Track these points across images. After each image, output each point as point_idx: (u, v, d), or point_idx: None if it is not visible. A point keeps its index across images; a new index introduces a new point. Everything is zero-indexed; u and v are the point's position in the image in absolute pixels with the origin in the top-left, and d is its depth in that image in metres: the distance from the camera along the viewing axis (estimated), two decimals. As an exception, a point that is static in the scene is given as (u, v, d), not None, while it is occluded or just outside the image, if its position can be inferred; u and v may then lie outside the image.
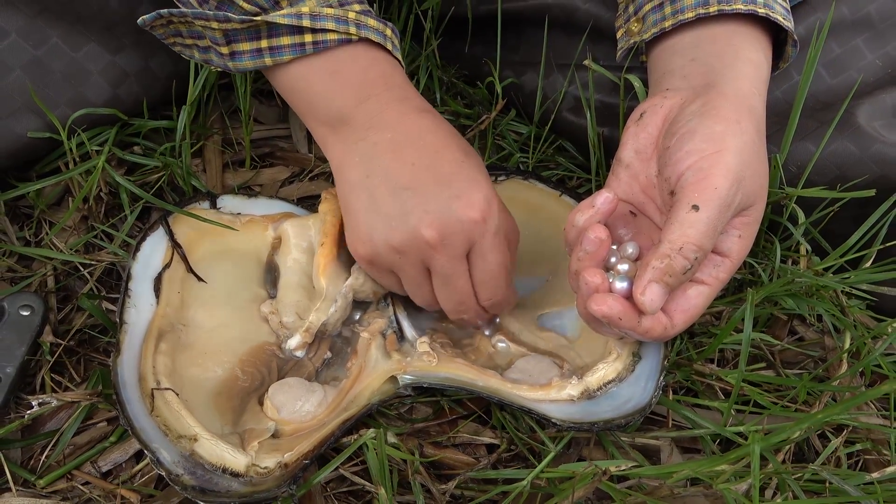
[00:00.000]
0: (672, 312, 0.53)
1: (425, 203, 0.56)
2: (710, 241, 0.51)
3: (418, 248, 0.57)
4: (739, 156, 0.52)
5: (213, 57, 0.59)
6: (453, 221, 0.56)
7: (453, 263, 0.57)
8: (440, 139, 0.58)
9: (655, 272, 0.50)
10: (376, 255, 0.59)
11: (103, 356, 0.64)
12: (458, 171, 0.57)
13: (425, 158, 0.57)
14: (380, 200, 0.57)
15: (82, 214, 0.71)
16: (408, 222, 0.56)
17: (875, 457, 0.61)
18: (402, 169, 0.57)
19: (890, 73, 0.68)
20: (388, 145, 0.58)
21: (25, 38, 0.65)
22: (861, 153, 0.64)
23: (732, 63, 0.57)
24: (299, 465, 0.55)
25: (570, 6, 0.74)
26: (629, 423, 0.58)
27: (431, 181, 0.56)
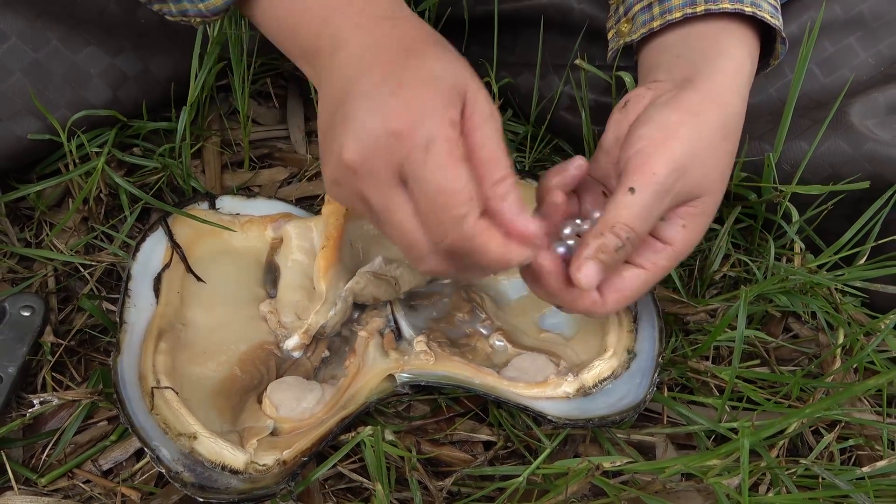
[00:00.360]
0: (605, 291, 0.54)
1: (348, 121, 0.47)
2: (644, 223, 0.52)
3: (346, 178, 0.48)
4: (687, 146, 0.53)
5: (187, 5, 0.54)
6: (370, 139, 0.46)
7: (381, 193, 0.48)
8: (391, 37, 0.49)
9: (589, 249, 0.51)
10: (330, 194, 0.52)
11: (104, 356, 0.65)
12: (388, 75, 0.47)
13: (361, 68, 0.48)
14: (322, 129, 0.51)
15: (82, 216, 0.72)
16: (333, 149, 0.48)
17: (868, 452, 0.61)
18: (336, 85, 0.49)
19: (883, 71, 0.69)
20: (336, 67, 0.50)
21: (26, 41, 0.66)
22: (854, 151, 0.65)
23: (714, 59, 0.58)
24: (297, 462, 0.56)
25: (565, 7, 0.75)
26: (624, 419, 0.58)
27: (358, 94, 0.47)
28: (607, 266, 0.52)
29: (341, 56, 0.50)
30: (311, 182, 0.79)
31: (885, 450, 0.59)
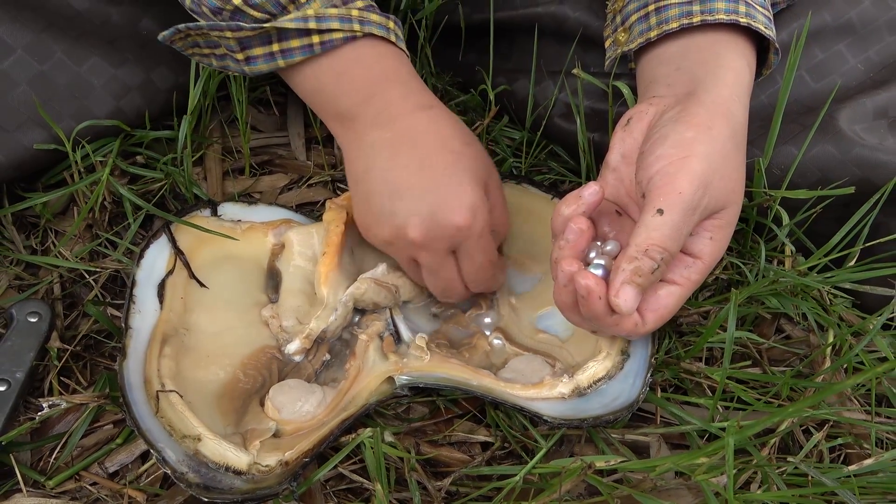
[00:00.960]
0: (643, 312, 0.55)
1: (412, 207, 0.59)
2: (675, 242, 0.53)
3: (404, 244, 0.61)
4: (707, 161, 0.54)
5: (230, 63, 0.62)
6: (437, 227, 0.59)
7: (438, 260, 0.61)
8: (435, 139, 0.61)
9: (625, 274, 0.52)
10: (370, 239, 0.63)
11: (109, 360, 0.66)
12: (449, 175, 0.59)
13: (417, 160, 0.60)
14: (373, 198, 0.61)
15: (87, 223, 0.73)
16: (395, 222, 0.60)
17: (857, 450, 0.62)
18: (395, 171, 0.60)
19: (871, 77, 0.70)
20: (385, 144, 0.60)
21: (31, 53, 0.67)
22: (842, 156, 0.66)
23: (714, 71, 0.59)
24: (299, 463, 0.57)
25: (560, 15, 0.76)
26: (618, 419, 0.60)
27: (420, 185, 0.59)
28: (643, 288, 0.53)
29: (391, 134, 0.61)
30: (310, 188, 0.80)
31: (872, 448, 0.60)
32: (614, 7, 0.67)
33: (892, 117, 0.68)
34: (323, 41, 0.60)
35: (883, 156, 0.65)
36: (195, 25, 0.60)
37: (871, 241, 0.68)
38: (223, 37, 0.60)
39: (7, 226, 0.72)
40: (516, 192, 0.74)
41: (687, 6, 0.61)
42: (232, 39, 0.60)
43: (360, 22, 0.60)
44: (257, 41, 0.60)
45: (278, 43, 0.60)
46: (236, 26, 0.59)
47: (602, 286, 0.54)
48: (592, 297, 0.53)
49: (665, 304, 0.55)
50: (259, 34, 0.59)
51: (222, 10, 0.59)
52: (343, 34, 0.60)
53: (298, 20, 0.59)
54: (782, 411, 0.50)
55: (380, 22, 0.61)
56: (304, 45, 0.60)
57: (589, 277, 0.53)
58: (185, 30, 0.61)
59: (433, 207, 0.59)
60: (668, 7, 0.61)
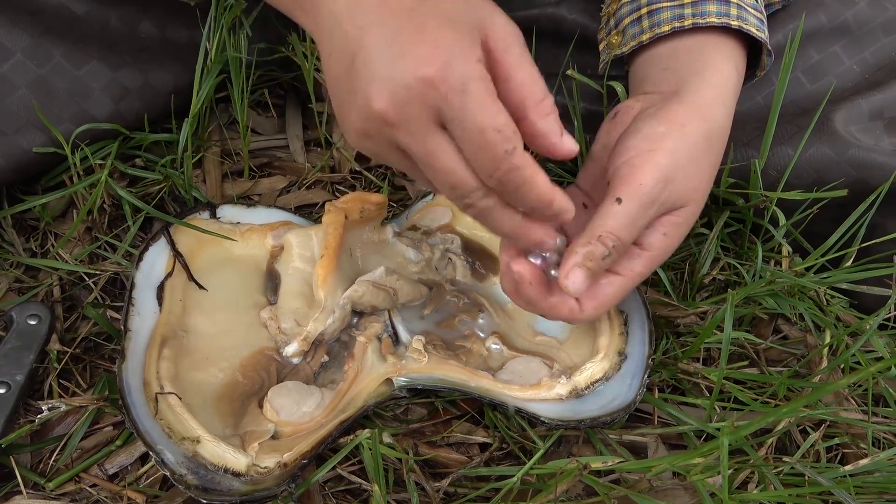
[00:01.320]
0: (582, 299, 0.55)
1: (371, 69, 0.46)
2: (629, 232, 0.53)
3: (378, 129, 0.48)
4: (672, 157, 0.54)
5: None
6: (401, 87, 0.45)
7: (422, 140, 0.47)
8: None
9: (577, 257, 0.53)
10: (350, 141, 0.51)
11: (108, 363, 0.66)
12: (407, 20, 0.46)
13: (371, 15, 0.47)
14: (337, 79, 0.49)
15: (86, 226, 0.73)
16: (357, 99, 0.47)
17: (854, 450, 0.63)
18: (351, 33, 0.47)
19: (867, 78, 0.70)
20: (341, 12, 0.48)
21: (30, 57, 0.67)
22: (838, 157, 0.66)
23: (700, 72, 0.59)
24: (298, 464, 0.58)
25: (557, 17, 0.76)
26: (615, 419, 0.60)
27: (378, 40, 0.46)
28: (593, 273, 0.53)
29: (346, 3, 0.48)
30: (309, 190, 0.80)
31: (869, 447, 0.60)
32: (608, 10, 0.68)
33: (887, 118, 0.68)
34: None
35: (878, 157, 0.66)
36: None
37: (868, 242, 0.68)
38: None
39: (7, 228, 0.72)
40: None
41: (678, 9, 0.61)
42: None
43: None
44: None
45: None
46: None
47: (535, 273, 0.54)
48: (524, 282, 0.54)
49: (605, 293, 0.56)
50: None
51: None
52: None
53: None
54: (777, 411, 0.50)
55: None
56: None
57: (522, 264, 0.54)
58: None
59: (394, 67, 0.45)
60: (660, 10, 0.62)
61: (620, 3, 0.66)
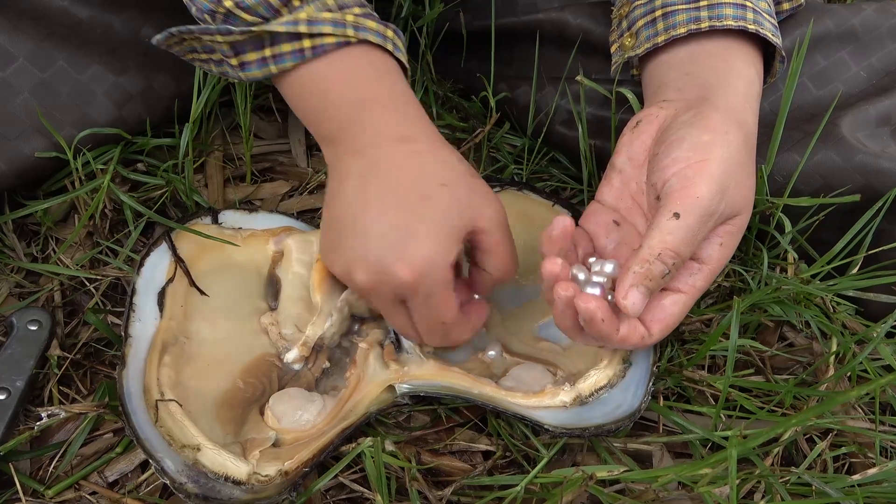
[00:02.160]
0: (649, 323, 0.55)
1: (363, 249, 0.56)
2: (689, 248, 0.53)
3: (353, 284, 0.58)
4: (724, 166, 0.54)
5: (227, 69, 0.60)
6: (384, 276, 0.55)
7: (385, 307, 0.59)
8: (408, 176, 0.57)
9: (636, 276, 0.52)
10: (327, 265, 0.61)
11: (109, 369, 0.66)
12: (407, 222, 0.55)
13: (382, 198, 0.56)
14: (333, 226, 0.58)
15: (88, 231, 0.73)
16: (345, 260, 0.57)
17: (861, 459, 0.62)
18: (358, 203, 0.57)
19: (874, 84, 0.70)
20: (356, 172, 0.58)
21: (33, 61, 0.67)
22: (845, 163, 0.66)
23: (726, 78, 0.59)
24: (299, 472, 0.57)
25: (561, 22, 0.76)
26: (619, 427, 0.59)
27: (377, 227, 0.56)
28: (651, 292, 0.52)
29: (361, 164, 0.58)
30: (312, 195, 0.80)
31: (877, 457, 0.60)
32: (620, 12, 0.67)
33: (894, 124, 0.68)
34: (314, 46, 0.57)
35: (885, 163, 0.65)
36: (186, 29, 0.59)
37: (875, 249, 0.68)
38: (215, 41, 0.58)
39: (8, 233, 0.72)
40: (517, 198, 0.74)
41: (695, 11, 0.61)
42: (224, 44, 0.58)
43: (356, 27, 0.58)
44: (250, 45, 0.58)
45: (270, 48, 0.58)
46: (226, 30, 0.57)
47: (604, 308, 0.53)
48: (595, 320, 0.52)
49: (671, 314, 0.55)
50: (250, 38, 0.58)
51: (215, 13, 0.57)
52: (335, 39, 0.57)
53: (289, 24, 0.57)
54: (786, 421, 0.49)
55: (376, 29, 0.59)
56: (294, 50, 0.58)
57: (590, 301, 0.52)
58: (177, 34, 0.59)
59: (382, 255, 0.55)
60: (676, 12, 0.61)
61: (633, 5, 0.65)
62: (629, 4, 0.66)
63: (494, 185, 0.75)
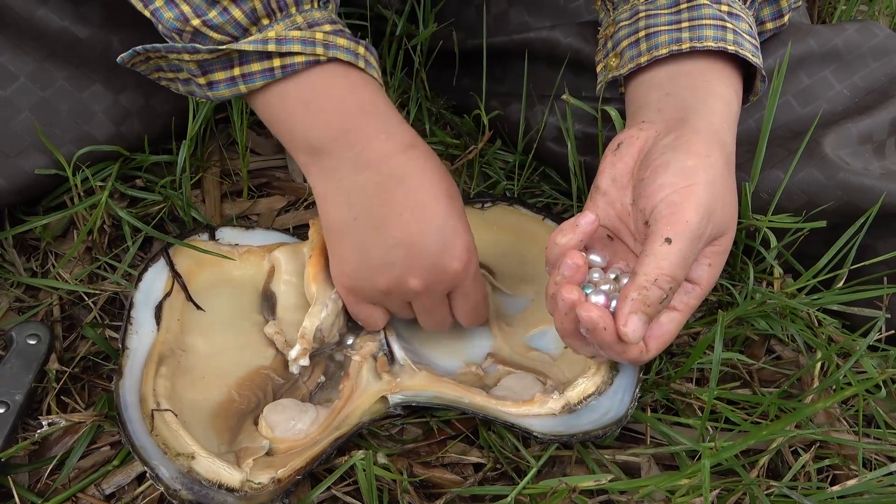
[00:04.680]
0: (647, 339, 0.55)
1: (413, 258, 0.59)
2: (683, 271, 0.54)
3: (403, 292, 0.61)
4: (710, 189, 0.55)
5: (195, 88, 0.60)
6: (438, 273, 0.60)
7: (435, 303, 0.63)
8: (426, 182, 0.60)
9: (634, 304, 0.53)
10: (359, 291, 0.63)
11: (107, 382, 0.67)
12: (444, 222, 0.59)
13: (410, 207, 0.59)
14: (369, 250, 0.60)
15: (86, 246, 0.74)
16: (394, 272, 0.60)
17: (845, 471, 0.63)
18: (390, 220, 0.59)
19: (857, 102, 0.71)
20: (374, 189, 0.59)
21: (34, 80, 0.69)
22: (827, 181, 0.67)
23: (705, 99, 0.60)
24: (292, 480, 0.58)
25: (551, 41, 0.77)
26: (607, 433, 0.60)
27: (419, 235, 0.59)
28: (650, 318, 0.53)
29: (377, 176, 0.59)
30: (307, 210, 0.81)
31: (860, 468, 0.61)
32: (605, 32, 0.69)
33: (876, 142, 0.69)
34: (284, 65, 0.57)
35: (867, 180, 0.66)
36: (152, 47, 0.58)
37: (859, 264, 0.69)
38: (182, 59, 0.57)
39: (8, 248, 0.73)
40: (509, 213, 0.76)
41: (676, 33, 0.62)
42: (191, 63, 0.57)
43: (325, 45, 0.57)
44: (218, 65, 0.57)
45: (239, 67, 0.57)
46: (193, 48, 0.56)
47: (606, 317, 0.53)
48: (598, 329, 0.53)
49: (667, 331, 0.56)
50: (218, 57, 0.57)
51: (182, 31, 0.56)
52: (305, 58, 0.57)
53: (258, 42, 0.56)
54: (758, 430, 0.51)
55: (347, 46, 0.58)
56: (264, 69, 0.57)
57: (593, 310, 0.53)
58: (143, 52, 0.59)
59: (434, 257, 0.59)
60: (658, 33, 0.63)
61: (618, 25, 0.67)
62: (614, 25, 0.67)
63: (486, 200, 0.76)
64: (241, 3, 0.56)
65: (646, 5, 0.65)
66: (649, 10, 0.64)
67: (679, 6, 0.63)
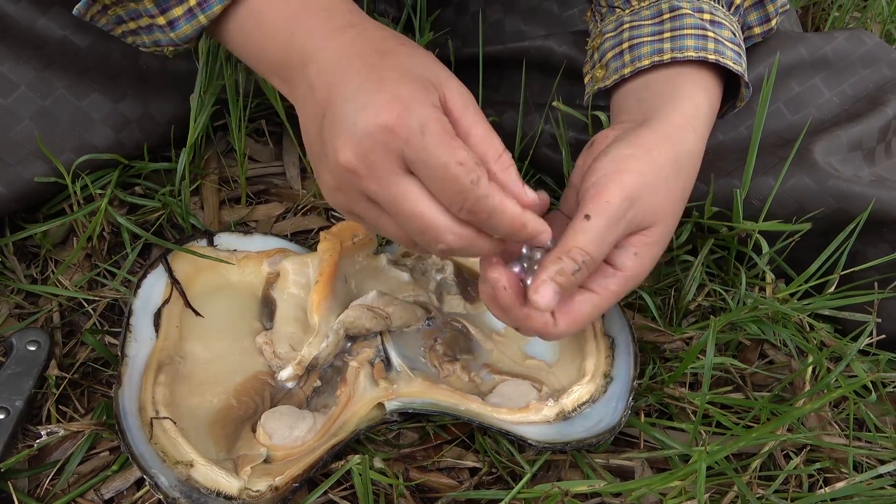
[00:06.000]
0: (555, 314, 0.55)
1: (336, 126, 0.50)
2: (598, 248, 0.54)
3: (348, 180, 0.51)
4: (639, 177, 0.56)
5: (159, 35, 0.58)
6: (364, 137, 0.48)
7: (387, 184, 0.50)
8: (362, 48, 0.52)
9: (548, 272, 0.53)
10: (331, 202, 0.55)
11: (106, 388, 0.67)
12: (367, 76, 0.50)
13: (339, 74, 0.51)
14: (311, 141, 0.54)
15: (86, 253, 0.74)
16: (328, 155, 0.51)
17: (836, 475, 0.64)
18: (318, 96, 0.52)
19: (847, 109, 0.72)
20: (315, 79, 0.52)
21: (34, 89, 0.69)
22: (818, 187, 0.68)
23: (671, 101, 0.61)
24: (289, 487, 0.59)
25: (546, 49, 0.78)
26: (601, 441, 0.61)
27: (342, 95, 0.50)
28: (564, 289, 0.53)
29: (315, 67, 0.52)
30: (305, 216, 0.82)
31: (850, 471, 0.61)
32: (593, 44, 0.70)
33: (866, 149, 0.70)
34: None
35: (857, 187, 0.67)
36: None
37: (849, 269, 0.70)
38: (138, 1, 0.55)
39: (8, 255, 0.73)
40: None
41: (658, 44, 0.63)
42: (147, 1, 0.55)
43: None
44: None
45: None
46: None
47: (509, 277, 0.54)
48: (498, 287, 0.54)
49: (579, 310, 0.56)
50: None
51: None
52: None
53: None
54: (748, 434, 0.51)
55: None
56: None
57: (498, 271, 0.54)
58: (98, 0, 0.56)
59: (356, 114, 0.49)
60: (641, 45, 0.64)
61: (604, 37, 0.68)
62: (601, 37, 0.68)
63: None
64: None
65: (630, 17, 0.66)
66: (633, 21, 0.66)
67: (662, 17, 0.64)
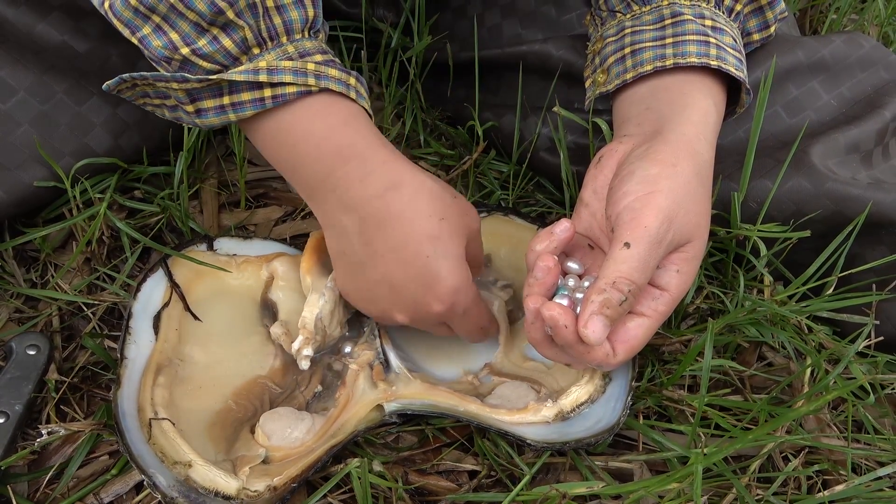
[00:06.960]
0: (614, 343, 0.56)
1: (396, 296, 0.60)
2: (642, 275, 0.54)
3: (393, 321, 0.63)
4: (671, 196, 0.56)
5: (182, 115, 0.60)
6: (422, 313, 0.61)
7: (428, 328, 0.64)
8: (407, 223, 0.58)
9: (594, 305, 0.54)
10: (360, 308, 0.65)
11: (106, 392, 0.67)
12: (426, 266, 0.59)
13: (393, 252, 0.59)
14: (357, 281, 0.62)
15: (85, 257, 0.74)
16: (380, 305, 0.62)
17: (835, 477, 0.64)
18: (374, 259, 0.60)
19: (844, 112, 0.72)
20: (355, 230, 0.59)
21: (33, 94, 0.69)
22: (816, 190, 0.68)
23: (681, 111, 0.61)
24: (287, 488, 0.59)
25: (544, 53, 0.78)
26: (599, 441, 0.61)
27: (401, 278, 0.59)
28: (612, 320, 0.54)
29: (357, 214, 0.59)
30: (304, 220, 0.82)
31: (849, 473, 0.61)
32: (594, 48, 0.70)
33: (863, 152, 0.70)
34: (275, 95, 0.57)
35: (854, 190, 0.67)
36: (139, 75, 0.58)
37: (847, 271, 0.70)
38: (170, 88, 0.57)
39: (8, 260, 0.74)
40: (504, 222, 0.77)
41: (660, 49, 0.63)
42: (180, 91, 0.57)
43: (316, 76, 0.57)
44: (208, 93, 0.57)
45: (229, 96, 0.57)
46: (182, 77, 0.56)
47: (567, 315, 0.55)
48: (558, 326, 0.55)
49: (634, 336, 0.56)
50: (208, 86, 0.56)
51: (171, 59, 0.56)
52: (297, 88, 0.57)
53: (249, 73, 0.56)
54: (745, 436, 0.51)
55: (339, 77, 0.58)
56: (255, 99, 0.57)
57: (553, 308, 0.55)
58: (129, 79, 0.58)
59: (416, 298, 0.60)
60: (643, 50, 0.64)
61: (605, 42, 0.68)
62: (602, 41, 0.68)
63: (482, 210, 0.77)
64: (231, 32, 0.56)
65: (632, 21, 0.66)
66: (635, 26, 0.66)
67: (663, 22, 0.64)
